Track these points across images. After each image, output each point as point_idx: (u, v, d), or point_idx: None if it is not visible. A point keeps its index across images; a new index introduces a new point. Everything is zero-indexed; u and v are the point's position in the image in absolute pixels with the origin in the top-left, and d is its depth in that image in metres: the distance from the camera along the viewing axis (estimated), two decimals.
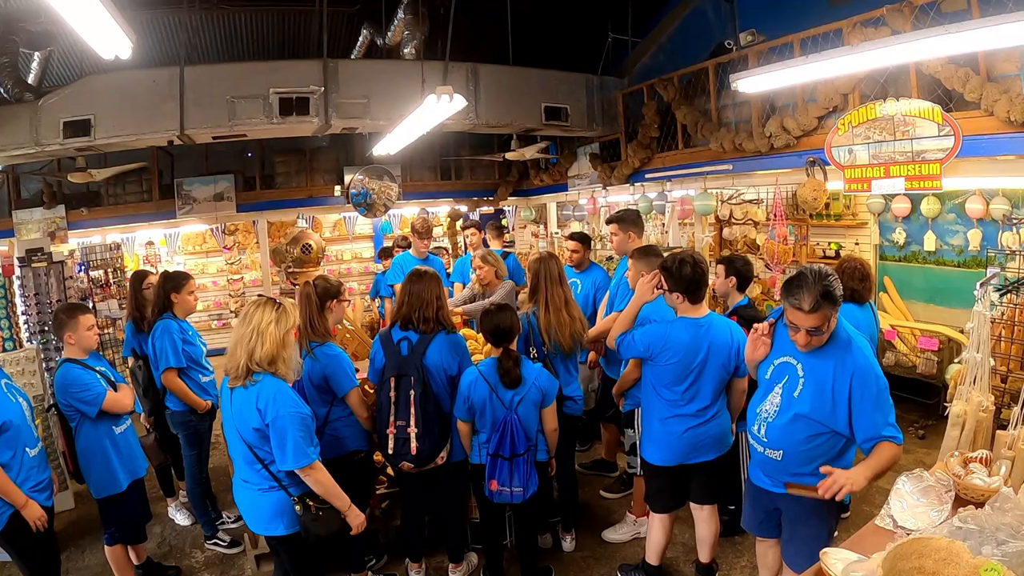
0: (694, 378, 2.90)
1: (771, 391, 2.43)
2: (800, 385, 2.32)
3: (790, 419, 2.33)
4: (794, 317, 2.25)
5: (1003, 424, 3.02)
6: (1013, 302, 3.89)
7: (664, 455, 3.01)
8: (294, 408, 2.41)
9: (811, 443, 2.32)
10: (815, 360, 2.30)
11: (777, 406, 2.39)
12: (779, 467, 2.41)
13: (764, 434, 2.43)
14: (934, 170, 3.99)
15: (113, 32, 2.75)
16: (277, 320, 2.45)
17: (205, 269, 9.12)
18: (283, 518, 2.50)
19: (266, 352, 2.41)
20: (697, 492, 3.11)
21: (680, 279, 2.88)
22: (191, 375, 3.73)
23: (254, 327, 2.43)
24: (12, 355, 4.56)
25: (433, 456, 3.05)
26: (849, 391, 2.22)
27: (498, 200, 10.02)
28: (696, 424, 2.93)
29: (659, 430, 3.00)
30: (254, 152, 8.82)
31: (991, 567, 1.52)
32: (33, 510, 2.74)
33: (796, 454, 2.34)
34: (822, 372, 2.27)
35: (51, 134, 5.29)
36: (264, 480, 2.47)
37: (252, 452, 2.44)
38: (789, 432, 2.34)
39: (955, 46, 2.90)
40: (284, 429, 2.37)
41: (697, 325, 2.91)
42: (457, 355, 3.14)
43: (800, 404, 2.31)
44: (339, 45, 7.82)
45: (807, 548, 2.37)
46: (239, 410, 2.43)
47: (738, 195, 6.52)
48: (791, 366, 2.38)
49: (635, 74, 7.58)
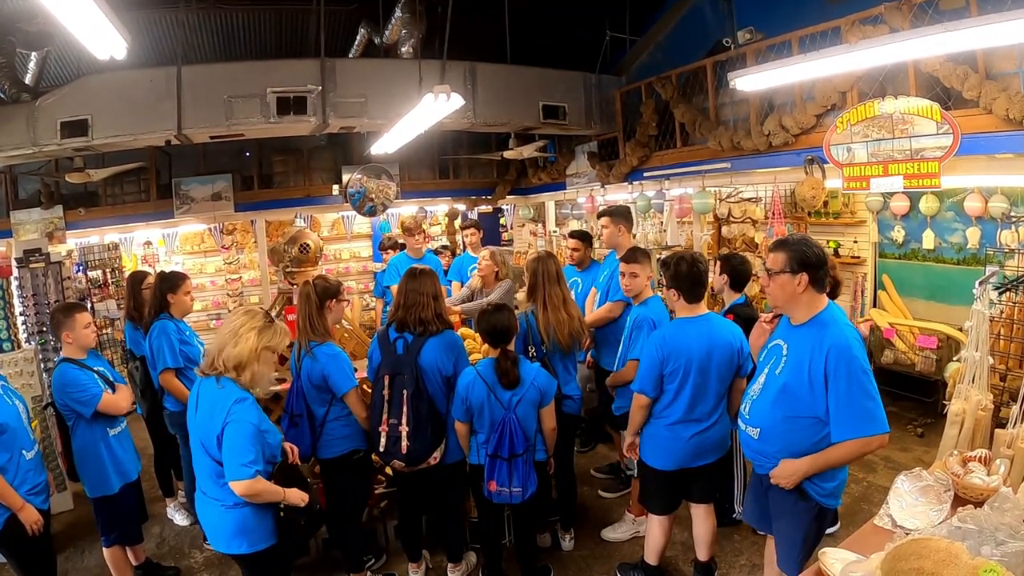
0: (700, 379, 2.87)
1: (760, 372, 2.46)
2: (783, 363, 2.33)
3: (771, 395, 2.33)
4: (767, 260, 2.38)
5: (1002, 423, 3.03)
6: (1012, 300, 3.89)
7: (667, 460, 2.99)
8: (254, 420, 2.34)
9: (789, 425, 2.28)
10: (799, 339, 2.31)
11: (762, 384, 2.41)
12: (757, 447, 2.41)
13: (748, 411, 2.45)
14: (933, 168, 3.98)
15: (108, 32, 2.74)
16: (260, 330, 2.40)
17: (203, 269, 9.10)
18: (246, 536, 2.42)
19: (236, 353, 2.34)
20: (696, 493, 3.10)
21: (676, 276, 2.90)
22: (188, 375, 3.72)
23: (234, 328, 2.40)
24: (10, 356, 4.54)
25: (425, 456, 3.04)
26: (825, 369, 2.18)
27: (496, 199, 10.01)
28: (702, 429, 2.92)
29: (665, 435, 2.96)
30: (252, 152, 8.80)
31: (990, 568, 1.52)
32: (30, 514, 2.73)
33: (774, 434, 2.33)
34: (803, 349, 2.26)
35: (48, 134, 5.27)
36: (229, 495, 2.35)
37: (217, 463, 2.35)
38: (769, 410, 2.33)
39: (953, 44, 2.89)
40: (236, 439, 2.28)
41: (696, 324, 2.91)
42: (453, 355, 3.13)
43: (779, 379, 2.31)
44: (336, 44, 7.79)
45: (784, 545, 2.41)
46: (204, 416, 2.35)
47: (736, 193, 6.52)
48: (778, 347, 2.41)
49: (633, 72, 7.57)
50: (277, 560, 2.54)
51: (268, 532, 2.46)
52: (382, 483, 3.84)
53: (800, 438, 2.27)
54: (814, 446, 2.25)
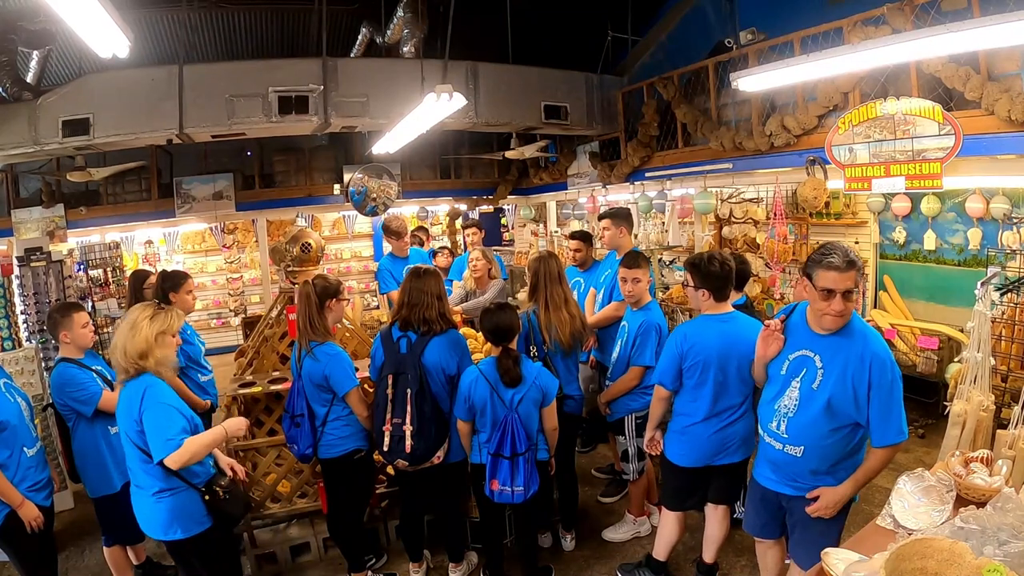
0: (722, 376, 2.85)
1: (788, 386, 2.39)
2: (819, 376, 2.30)
3: (814, 412, 2.30)
4: (828, 280, 2.21)
5: (1003, 423, 3.02)
6: (1013, 301, 3.88)
7: (690, 456, 2.96)
8: (166, 399, 2.50)
9: (833, 437, 2.30)
10: (834, 350, 2.29)
11: (796, 400, 2.35)
12: (797, 465, 2.37)
13: (784, 430, 2.38)
14: (934, 169, 3.98)
15: (110, 31, 2.74)
16: (151, 317, 2.57)
17: (204, 268, 9.11)
18: (180, 522, 2.53)
19: (136, 344, 2.50)
20: (715, 493, 3.06)
21: (708, 276, 2.87)
22: (189, 374, 3.72)
23: (130, 322, 2.56)
24: (11, 355, 4.54)
25: (429, 455, 3.04)
26: (868, 379, 2.21)
27: (497, 199, 10.01)
28: (724, 425, 2.90)
29: (689, 432, 2.95)
30: (253, 151, 8.81)
31: (993, 568, 1.52)
32: (29, 510, 2.73)
33: (818, 449, 2.32)
34: (842, 361, 2.26)
35: (50, 133, 5.28)
36: (157, 482, 2.50)
37: (144, 452, 2.48)
38: (812, 426, 2.31)
39: (955, 45, 2.89)
40: (155, 418, 2.45)
41: (721, 321, 2.90)
42: (456, 354, 3.13)
43: (821, 395, 2.28)
44: (338, 44, 7.81)
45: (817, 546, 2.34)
46: (124, 410, 2.51)
47: (738, 194, 6.52)
48: (808, 359, 2.35)
49: (635, 73, 7.57)
50: (218, 543, 2.66)
51: (200, 515, 2.57)
52: (383, 483, 3.83)
53: (839, 448, 2.32)
54: (847, 452, 2.32)
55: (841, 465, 2.35)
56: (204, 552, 2.62)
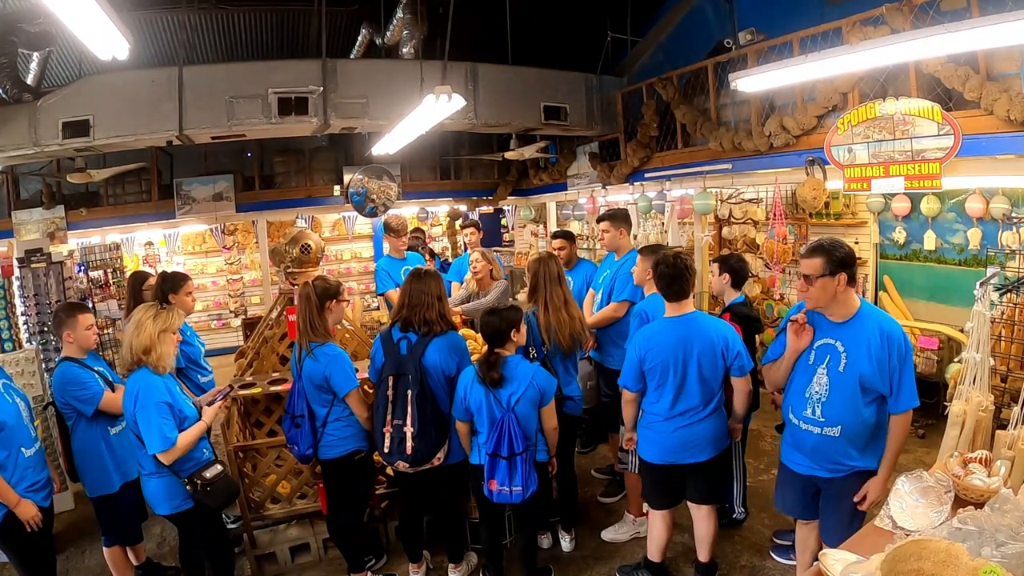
0: (680, 378, 2.93)
1: (815, 373, 2.54)
2: (844, 360, 2.47)
3: (846, 392, 2.46)
4: (801, 267, 2.50)
5: (1003, 424, 3.01)
6: (1013, 301, 3.88)
7: (657, 452, 3.06)
8: (158, 397, 2.74)
9: (865, 412, 2.46)
10: (853, 334, 2.47)
11: (826, 386, 2.51)
12: (835, 445, 2.50)
13: (820, 414, 2.52)
14: (934, 169, 3.98)
15: (110, 33, 2.75)
16: (154, 316, 2.83)
17: (204, 269, 9.11)
18: (168, 501, 2.87)
19: (140, 341, 2.77)
20: (693, 491, 3.12)
21: (656, 276, 2.99)
22: (190, 375, 3.73)
23: (135, 321, 2.82)
24: (11, 355, 4.55)
25: (429, 457, 3.05)
26: (888, 352, 2.41)
27: (497, 199, 10.01)
28: (687, 424, 2.97)
29: (652, 429, 3.06)
30: (253, 152, 8.81)
31: (990, 569, 1.52)
32: (26, 509, 2.74)
33: (853, 426, 2.47)
34: (864, 342, 2.44)
35: (50, 135, 5.28)
36: (148, 465, 2.81)
37: (139, 439, 2.76)
38: (846, 405, 2.46)
39: (954, 45, 2.89)
40: (148, 417, 2.71)
41: (679, 324, 2.95)
42: (456, 356, 3.13)
43: (850, 375, 2.45)
44: (338, 45, 7.80)
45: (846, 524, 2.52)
46: (126, 400, 2.79)
47: (737, 194, 6.52)
48: (831, 346, 2.52)
49: (634, 73, 7.57)
50: (202, 518, 2.95)
51: (183, 497, 2.87)
52: (383, 483, 3.84)
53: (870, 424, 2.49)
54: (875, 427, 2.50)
55: (871, 446, 2.52)
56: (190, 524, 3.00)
